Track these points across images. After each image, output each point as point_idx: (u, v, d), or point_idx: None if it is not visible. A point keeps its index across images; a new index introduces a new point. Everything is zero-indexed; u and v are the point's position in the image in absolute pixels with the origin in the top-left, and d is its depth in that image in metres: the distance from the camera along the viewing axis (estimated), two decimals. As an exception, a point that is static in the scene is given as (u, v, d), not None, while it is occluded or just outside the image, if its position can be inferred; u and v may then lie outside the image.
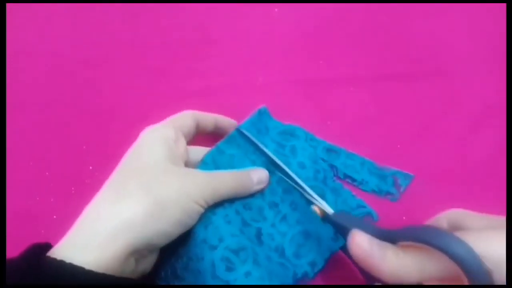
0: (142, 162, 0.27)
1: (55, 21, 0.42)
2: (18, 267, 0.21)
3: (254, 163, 0.32)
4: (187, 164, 0.30)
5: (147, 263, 0.26)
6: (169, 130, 0.29)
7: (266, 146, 0.32)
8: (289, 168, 0.31)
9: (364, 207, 0.32)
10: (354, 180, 0.33)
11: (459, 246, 0.19)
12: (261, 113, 0.34)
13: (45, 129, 0.37)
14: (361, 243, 0.22)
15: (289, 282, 0.29)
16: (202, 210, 0.27)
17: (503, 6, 0.41)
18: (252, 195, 0.31)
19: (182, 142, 0.30)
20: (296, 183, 0.30)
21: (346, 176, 0.33)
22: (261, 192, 0.31)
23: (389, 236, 0.23)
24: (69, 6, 0.43)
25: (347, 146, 0.34)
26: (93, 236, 0.23)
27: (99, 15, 0.42)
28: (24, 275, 0.21)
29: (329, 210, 0.28)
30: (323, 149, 0.34)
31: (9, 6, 0.41)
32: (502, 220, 0.23)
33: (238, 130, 0.32)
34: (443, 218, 0.25)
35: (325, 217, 0.28)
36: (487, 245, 0.19)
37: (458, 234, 0.20)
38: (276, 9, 0.42)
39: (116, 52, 0.41)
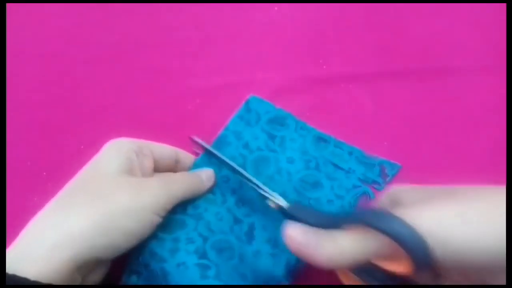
0: (96, 173, 0.26)
1: (55, 21, 0.42)
2: None
3: (245, 158, 0.33)
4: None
5: (96, 276, 0.26)
6: (133, 143, 0.28)
7: (257, 139, 0.33)
8: (278, 163, 0.33)
9: (360, 186, 0.32)
10: (341, 169, 0.33)
11: (395, 223, 0.20)
12: (248, 103, 0.35)
13: (42, 129, 0.37)
14: (295, 235, 0.22)
15: (281, 272, 0.29)
16: (160, 220, 0.26)
17: (503, 6, 0.40)
18: (243, 189, 0.31)
19: (148, 158, 0.29)
20: (249, 180, 0.30)
21: (333, 165, 0.33)
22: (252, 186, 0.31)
23: (337, 222, 0.23)
24: (69, 6, 0.43)
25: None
26: (38, 247, 0.22)
27: (98, 15, 0.42)
28: None
29: (283, 204, 0.28)
30: (312, 138, 0.34)
31: (9, 6, 0.41)
32: (433, 190, 0.23)
33: (226, 130, 0.33)
34: (386, 196, 0.25)
35: (280, 210, 0.28)
36: (415, 219, 0.20)
37: (393, 211, 0.21)
38: (275, 8, 0.42)
39: (116, 52, 0.41)
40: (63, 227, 0.23)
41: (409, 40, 0.40)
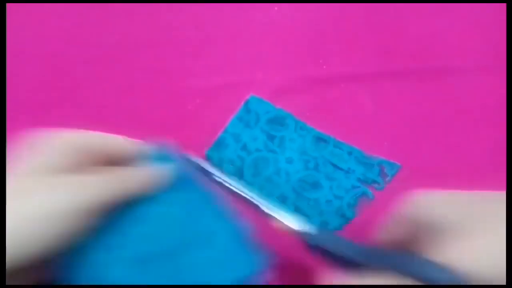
0: (21, 170, 0.22)
1: (55, 21, 0.42)
2: None
3: (243, 160, 0.33)
4: None
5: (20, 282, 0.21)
6: (73, 136, 0.24)
7: (255, 140, 0.33)
8: (277, 164, 0.33)
9: (359, 187, 0.32)
10: (340, 169, 0.33)
11: (434, 270, 0.19)
12: (247, 104, 0.35)
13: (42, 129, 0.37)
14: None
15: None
16: (96, 220, 0.22)
17: (503, 6, 0.40)
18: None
19: (90, 153, 0.24)
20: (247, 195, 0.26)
21: (332, 165, 0.33)
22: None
23: (367, 257, 0.22)
24: (69, 6, 0.43)
25: (346, 146, 0.34)
26: None
27: (98, 15, 0.42)
28: None
29: (298, 227, 0.24)
30: (312, 138, 0.34)
31: (9, 6, 0.41)
32: (467, 205, 0.21)
33: (225, 132, 0.33)
34: (411, 205, 0.23)
35: (290, 233, 0.25)
36: (456, 262, 0.19)
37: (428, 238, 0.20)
38: (275, 8, 0.42)
39: (116, 52, 0.40)
40: None
41: (409, 40, 0.40)
